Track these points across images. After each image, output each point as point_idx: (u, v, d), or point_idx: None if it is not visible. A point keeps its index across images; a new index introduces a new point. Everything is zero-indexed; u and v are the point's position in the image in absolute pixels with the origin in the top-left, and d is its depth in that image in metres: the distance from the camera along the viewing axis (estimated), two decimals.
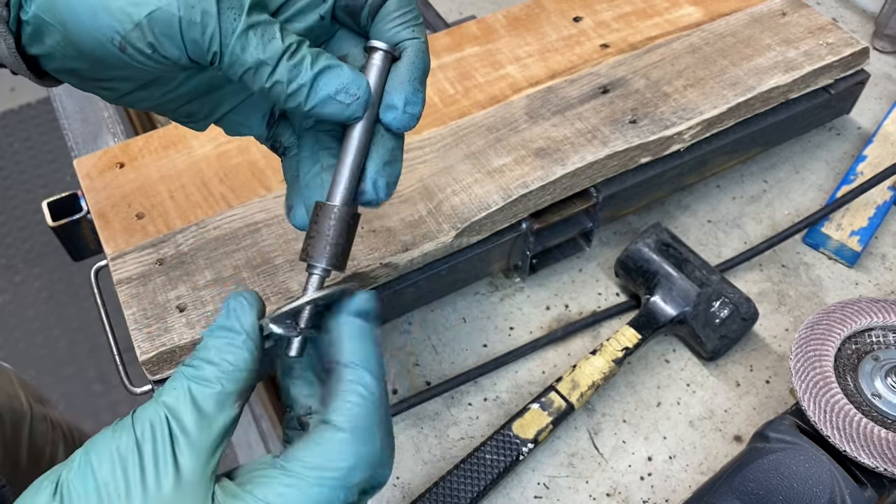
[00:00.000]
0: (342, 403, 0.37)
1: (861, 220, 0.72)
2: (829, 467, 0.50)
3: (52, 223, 0.70)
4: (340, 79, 0.38)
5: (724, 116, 0.70)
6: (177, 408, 0.36)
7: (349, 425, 0.37)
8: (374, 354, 0.39)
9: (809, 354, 0.55)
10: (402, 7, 0.41)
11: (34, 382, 1.06)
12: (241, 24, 0.36)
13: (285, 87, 0.38)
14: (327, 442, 0.36)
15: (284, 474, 0.35)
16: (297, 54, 0.38)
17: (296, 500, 0.35)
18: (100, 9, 0.36)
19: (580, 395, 0.60)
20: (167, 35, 0.36)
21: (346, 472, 0.36)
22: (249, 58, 0.37)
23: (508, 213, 0.64)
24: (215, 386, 0.37)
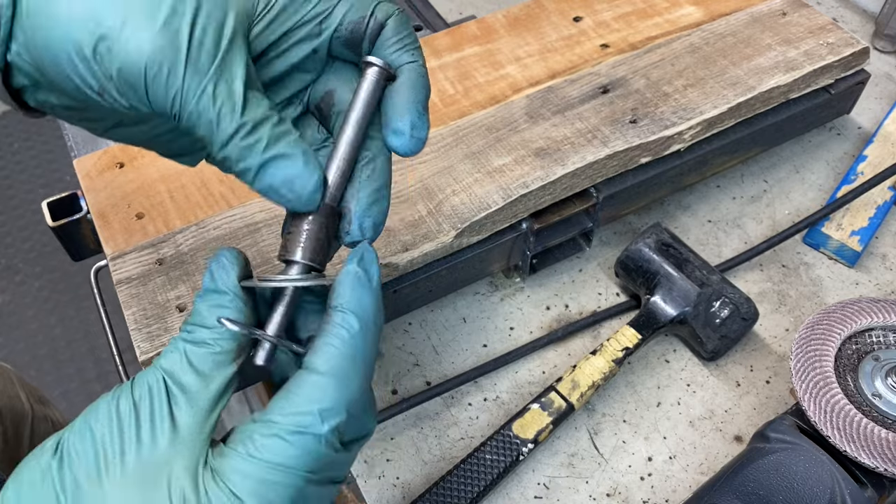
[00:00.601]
0: (322, 346, 0.37)
1: (861, 220, 0.72)
2: (830, 467, 0.50)
3: (52, 223, 0.70)
4: (288, 171, 0.37)
5: (725, 116, 0.70)
6: (174, 370, 0.37)
7: (326, 367, 0.36)
8: (367, 302, 0.38)
9: (810, 354, 0.55)
10: (399, 32, 0.41)
11: (34, 382, 1.06)
12: (201, 92, 0.36)
13: (234, 165, 0.37)
14: (303, 386, 0.36)
15: (264, 426, 0.35)
16: (253, 134, 0.37)
17: (279, 449, 0.35)
18: (77, 59, 0.36)
19: (580, 395, 0.60)
20: (133, 89, 0.36)
21: (322, 415, 0.36)
22: (203, 129, 0.37)
23: (508, 213, 0.64)
24: (212, 347, 0.37)
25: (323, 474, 0.37)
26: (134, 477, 0.34)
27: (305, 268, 0.40)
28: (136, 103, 0.37)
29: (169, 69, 0.35)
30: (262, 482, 0.35)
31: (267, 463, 0.35)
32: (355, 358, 0.37)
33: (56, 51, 0.36)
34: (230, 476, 0.35)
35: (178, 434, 0.36)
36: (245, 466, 0.35)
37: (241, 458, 0.35)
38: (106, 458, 0.35)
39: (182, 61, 0.35)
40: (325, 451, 0.36)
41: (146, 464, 0.35)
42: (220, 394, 0.37)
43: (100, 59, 0.36)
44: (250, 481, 0.34)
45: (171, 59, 0.35)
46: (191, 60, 0.35)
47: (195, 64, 0.36)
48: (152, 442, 0.35)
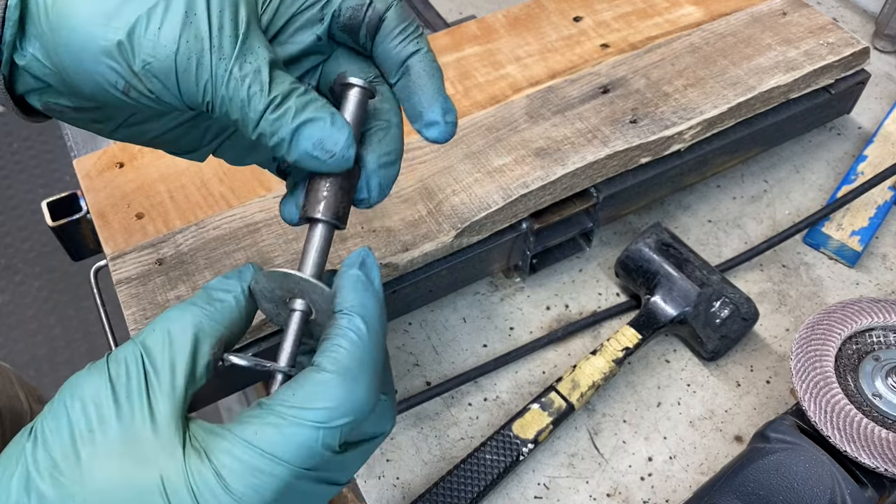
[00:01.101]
0: (330, 346, 0.37)
1: (862, 220, 0.72)
2: (830, 467, 0.50)
3: (51, 223, 0.70)
4: (318, 133, 0.38)
5: (725, 116, 0.70)
6: (153, 348, 0.36)
7: (333, 367, 0.36)
8: (369, 303, 0.38)
9: (810, 354, 0.55)
10: (402, 22, 0.41)
11: (33, 382, 1.06)
12: (229, 75, 0.37)
13: (268, 140, 0.38)
14: (310, 383, 0.36)
15: (265, 413, 0.35)
16: (281, 106, 0.38)
17: (273, 439, 0.34)
18: (103, 56, 0.36)
19: (580, 395, 0.60)
20: (165, 84, 0.37)
21: (325, 413, 0.35)
22: (236, 111, 0.37)
23: (508, 213, 0.64)
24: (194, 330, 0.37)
25: (319, 473, 0.36)
26: (111, 453, 0.34)
27: (328, 226, 0.41)
28: (165, 97, 0.38)
29: (198, 59, 0.36)
30: (251, 469, 0.34)
31: (260, 451, 0.34)
32: (363, 360, 0.37)
33: (78, 51, 0.36)
34: (219, 456, 0.34)
35: (155, 412, 0.35)
36: (237, 450, 0.34)
37: (234, 440, 0.34)
38: (82, 435, 0.34)
39: (208, 49, 0.36)
40: (322, 450, 0.35)
41: (124, 440, 0.34)
42: (196, 379, 0.37)
43: (126, 55, 0.36)
44: (239, 465, 0.34)
45: (197, 49, 0.36)
46: (215, 48, 0.36)
47: (219, 51, 0.37)
48: (130, 418, 0.34)
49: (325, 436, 0.35)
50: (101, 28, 0.36)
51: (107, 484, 0.33)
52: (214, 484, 0.33)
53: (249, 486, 0.34)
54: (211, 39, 0.37)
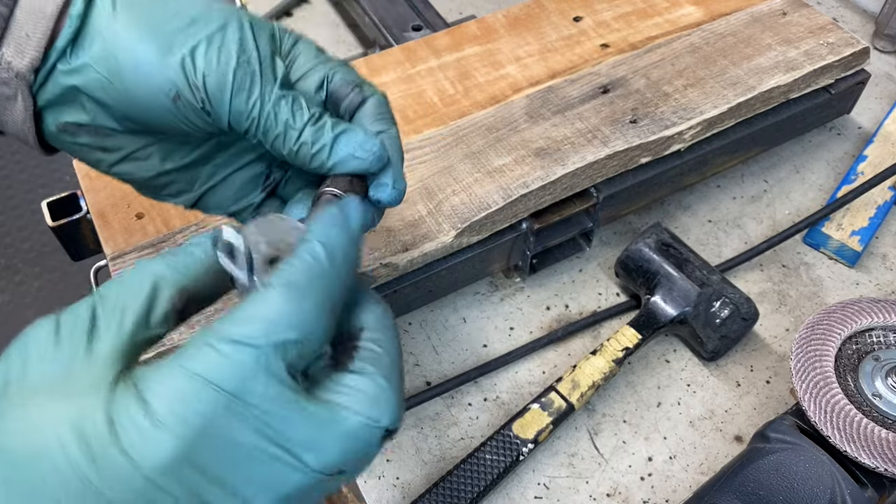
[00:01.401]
0: (281, 267, 0.34)
1: (862, 220, 0.72)
2: (830, 467, 0.50)
3: (51, 223, 0.70)
4: (357, 138, 0.44)
5: (725, 116, 0.70)
6: (107, 296, 0.34)
7: (279, 282, 0.33)
8: (335, 234, 0.36)
9: (810, 354, 0.55)
10: (381, 108, 0.46)
11: None
12: (275, 95, 0.43)
13: (310, 148, 0.43)
14: (252, 301, 0.33)
15: (203, 334, 0.32)
16: (320, 121, 0.44)
17: (205, 359, 0.31)
18: (161, 63, 0.41)
19: (580, 395, 0.60)
20: (217, 97, 0.42)
21: (262, 327, 0.31)
22: (280, 125, 0.43)
23: (508, 213, 0.64)
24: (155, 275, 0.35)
25: (261, 414, 0.31)
26: (38, 391, 0.31)
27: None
28: (211, 110, 0.42)
29: (251, 79, 0.42)
30: (178, 392, 0.30)
31: (190, 372, 0.30)
32: (314, 279, 0.34)
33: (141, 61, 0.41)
34: (148, 383, 0.30)
35: (94, 350, 0.32)
36: (166, 374, 0.31)
37: (165, 366, 0.31)
38: (16, 375, 0.32)
39: (259, 74, 0.42)
40: (264, 377, 0.31)
41: (54, 378, 0.31)
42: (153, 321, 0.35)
43: (187, 67, 0.41)
44: (166, 389, 0.30)
45: (250, 72, 0.42)
46: (265, 75, 0.43)
47: (267, 75, 0.43)
48: (67, 358, 0.32)
49: (264, 356, 0.31)
50: (163, 41, 0.41)
51: (23, 423, 0.30)
52: (136, 409, 0.30)
53: (174, 411, 0.30)
54: (261, 68, 0.43)
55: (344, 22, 0.96)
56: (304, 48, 0.47)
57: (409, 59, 0.74)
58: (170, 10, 0.42)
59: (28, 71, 0.42)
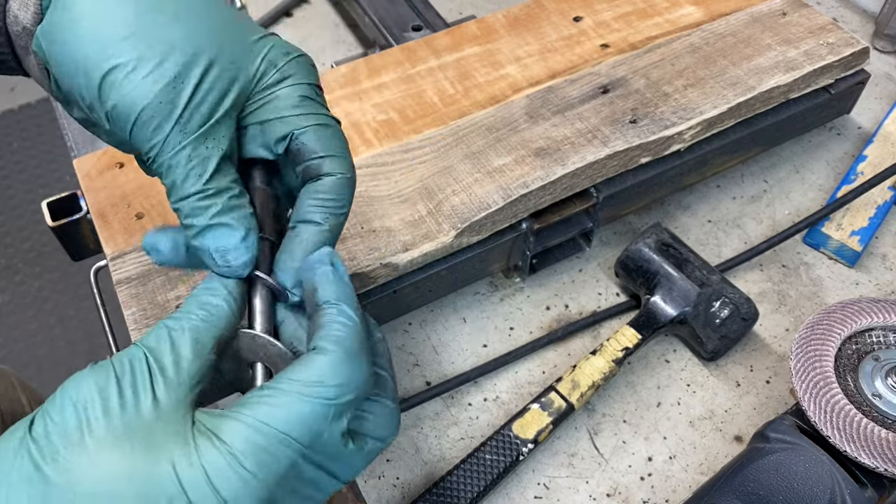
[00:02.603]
0: (328, 331, 0.38)
1: (861, 220, 0.72)
2: (830, 467, 0.50)
3: (51, 223, 0.70)
4: (224, 242, 0.40)
5: (725, 116, 0.70)
6: (157, 349, 0.37)
7: (337, 347, 0.37)
8: (347, 292, 0.40)
9: (810, 354, 0.55)
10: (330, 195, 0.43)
11: (34, 383, 1.06)
12: (179, 148, 0.39)
13: (182, 218, 0.41)
14: (315, 362, 0.36)
15: (273, 392, 0.35)
16: (210, 199, 0.40)
17: (285, 416, 0.35)
18: (82, 71, 0.39)
19: (580, 395, 0.60)
20: (121, 124, 0.40)
21: (334, 390, 0.36)
22: (168, 179, 0.40)
23: (508, 213, 0.64)
24: (194, 333, 0.38)
25: (323, 459, 0.36)
26: (118, 441, 0.33)
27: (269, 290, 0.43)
28: (116, 131, 0.40)
29: (159, 123, 0.39)
30: (262, 447, 0.34)
31: (272, 429, 0.34)
32: (361, 340, 0.38)
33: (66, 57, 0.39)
34: (230, 436, 0.34)
35: (160, 404, 0.35)
36: (247, 429, 0.34)
37: (242, 420, 0.34)
38: (88, 422, 0.33)
39: (173, 119, 0.39)
40: (330, 429, 0.36)
41: (130, 428, 0.34)
42: (200, 376, 0.37)
43: (102, 86, 0.39)
44: (250, 445, 0.34)
45: (164, 114, 0.39)
46: (181, 121, 0.39)
47: (184, 125, 0.39)
48: (135, 408, 0.34)
49: (334, 413, 0.36)
50: (99, 47, 0.39)
51: (114, 471, 0.33)
52: (227, 464, 0.33)
53: (262, 463, 0.34)
54: (182, 112, 0.39)
55: (344, 22, 0.96)
56: (288, 91, 0.43)
57: (409, 59, 0.74)
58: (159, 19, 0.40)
59: (32, 24, 0.43)
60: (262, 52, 0.43)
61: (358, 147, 0.67)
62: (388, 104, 0.70)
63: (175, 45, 0.39)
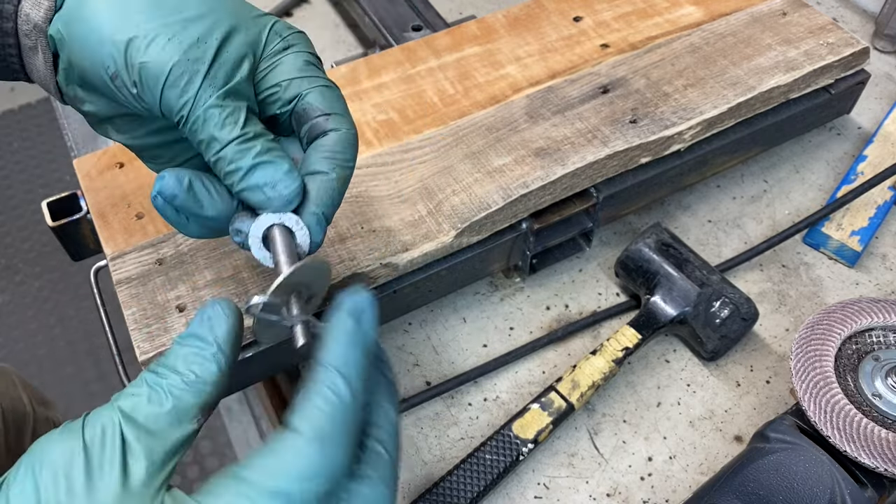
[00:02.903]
0: (307, 406, 0.35)
1: (861, 220, 0.72)
2: (830, 467, 0.50)
3: (51, 223, 0.70)
4: (274, 174, 0.41)
5: (725, 116, 0.70)
6: (132, 415, 0.34)
7: (309, 429, 0.34)
8: (354, 360, 0.36)
9: (810, 354, 0.55)
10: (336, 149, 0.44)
11: (34, 382, 1.06)
12: (212, 101, 0.41)
13: (226, 165, 0.41)
14: (284, 448, 0.34)
15: (237, 482, 0.33)
16: (250, 142, 0.41)
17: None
18: (108, 39, 0.41)
19: (580, 395, 0.60)
20: (150, 86, 0.41)
21: (300, 482, 0.33)
22: (206, 133, 0.41)
23: (508, 213, 0.64)
24: (177, 397, 0.35)
25: None
26: None
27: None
28: (145, 96, 0.41)
29: (189, 78, 0.40)
30: None
31: None
32: (341, 422, 0.35)
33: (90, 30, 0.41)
34: None
35: (129, 485, 0.33)
36: None
37: None
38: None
39: (202, 74, 0.41)
40: None
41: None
42: (177, 448, 0.35)
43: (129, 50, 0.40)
44: None
45: (192, 70, 0.41)
46: (209, 76, 0.41)
47: (213, 79, 0.41)
48: (102, 488, 0.33)
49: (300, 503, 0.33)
50: (121, 20, 0.41)
51: None
52: None
53: None
54: (210, 68, 0.41)
55: (344, 22, 0.96)
56: (293, 58, 0.45)
57: (409, 59, 0.74)
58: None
59: (44, 22, 0.44)
60: (268, 24, 0.45)
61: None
62: (388, 104, 0.70)
63: (193, 14, 0.41)
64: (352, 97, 0.71)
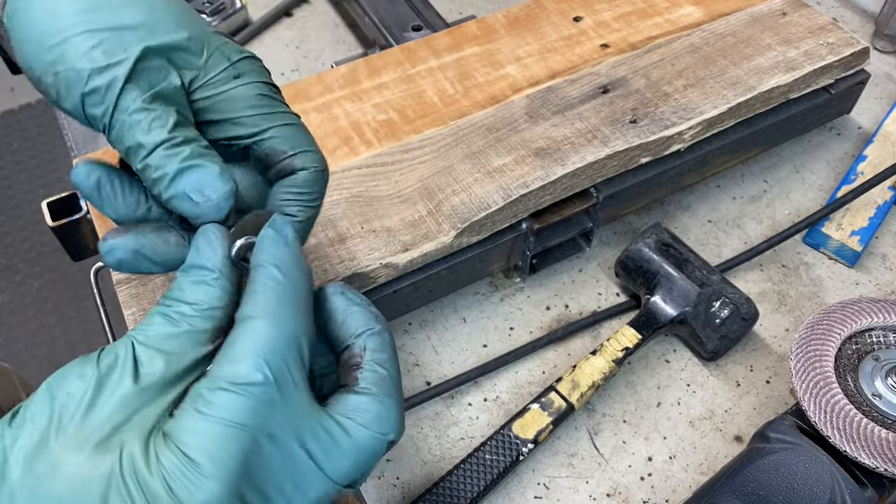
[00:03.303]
0: (250, 296, 0.36)
1: (861, 220, 0.72)
2: (830, 467, 0.50)
3: (51, 223, 0.70)
4: (202, 177, 0.39)
5: (725, 116, 0.70)
6: (146, 342, 0.36)
7: (256, 311, 0.36)
8: (283, 255, 0.38)
9: (810, 354, 0.55)
10: (304, 188, 0.43)
11: (33, 382, 1.06)
12: (137, 105, 0.38)
13: (151, 172, 0.39)
14: (239, 334, 0.35)
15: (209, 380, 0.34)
16: (180, 147, 0.39)
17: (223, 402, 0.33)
18: (34, 40, 0.39)
19: (580, 395, 0.60)
20: (70, 94, 0.39)
21: (262, 358, 0.34)
22: (131, 139, 0.39)
23: (508, 213, 0.64)
24: (190, 323, 0.36)
25: (283, 427, 0.35)
26: (84, 441, 0.33)
27: None
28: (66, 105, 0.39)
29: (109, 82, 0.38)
30: (211, 439, 0.33)
31: (215, 418, 0.33)
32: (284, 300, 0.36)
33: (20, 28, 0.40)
34: (180, 436, 0.33)
35: (137, 402, 0.34)
36: (195, 424, 0.33)
37: (190, 416, 0.34)
38: (60, 421, 0.33)
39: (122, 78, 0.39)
40: (278, 394, 0.34)
41: (98, 428, 0.33)
42: (187, 370, 0.36)
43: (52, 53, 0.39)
44: (200, 439, 0.33)
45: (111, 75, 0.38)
46: (132, 80, 0.39)
47: (136, 82, 0.39)
48: (110, 408, 0.34)
49: (273, 379, 0.34)
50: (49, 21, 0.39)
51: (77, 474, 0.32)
52: (178, 462, 0.32)
53: (212, 457, 0.33)
54: (131, 72, 0.39)
55: (344, 22, 0.96)
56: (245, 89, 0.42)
57: (409, 59, 0.74)
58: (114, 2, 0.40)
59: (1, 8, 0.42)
60: (213, 43, 0.43)
61: (358, 147, 0.67)
62: (388, 104, 0.70)
63: (127, 22, 0.39)
64: (352, 97, 0.71)
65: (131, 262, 0.42)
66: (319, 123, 0.69)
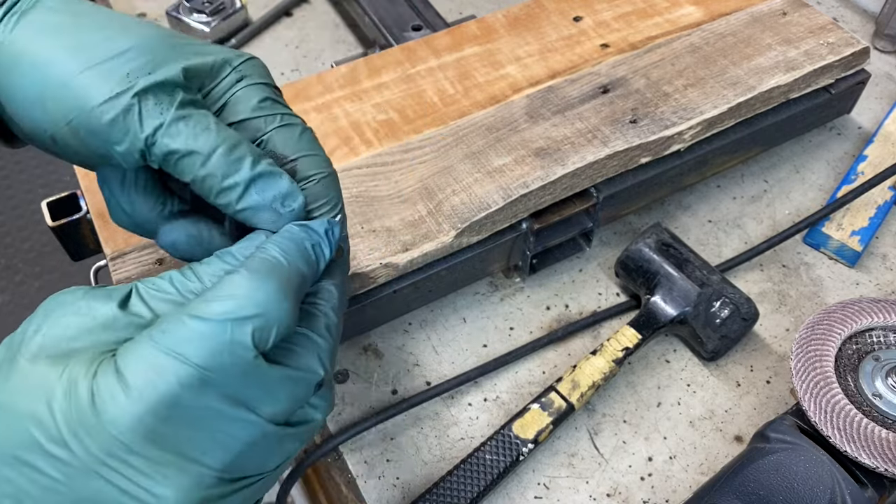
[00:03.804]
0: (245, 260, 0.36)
1: (862, 219, 0.72)
2: (830, 468, 0.50)
3: (51, 223, 0.70)
4: (280, 187, 0.38)
5: (725, 116, 0.70)
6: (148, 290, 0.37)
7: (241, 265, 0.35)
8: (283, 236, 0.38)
9: (810, 354, 0.55)
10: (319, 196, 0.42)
11: None
12: (171, 116, 0.37)
13: (219, 182, 0.38)
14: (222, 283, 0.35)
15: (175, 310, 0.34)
16: (235, 151, 0.38)
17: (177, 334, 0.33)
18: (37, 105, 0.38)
19: (580, 395, 0.60)
20: (93, 134, 0.38)
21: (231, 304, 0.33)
22: (181, 146, 0.37)
23: (508, 213, 0.64)
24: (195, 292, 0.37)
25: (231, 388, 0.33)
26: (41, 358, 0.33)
27: None
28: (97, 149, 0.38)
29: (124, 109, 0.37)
30: (153, 367, 0.32)
31: (163, 347, 0.32)
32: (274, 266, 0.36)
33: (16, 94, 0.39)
34: (125, 358, 0.33)
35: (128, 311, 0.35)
36: (142, 349, 0.33)
37: (142, 341, 0.33)
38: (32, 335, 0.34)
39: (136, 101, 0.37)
40: (230, 349, 0.33)
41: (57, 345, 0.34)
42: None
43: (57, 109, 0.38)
44: (142, 364, 0.32)
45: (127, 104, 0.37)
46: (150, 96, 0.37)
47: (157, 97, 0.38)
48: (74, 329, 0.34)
49: (231, 331, 0.33)
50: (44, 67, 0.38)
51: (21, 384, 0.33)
52: (114, 381, 0.32)
53: (148, 382, 0.32)
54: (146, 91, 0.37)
55: (344, 22, 0.96)
56: (247, 91, 0.41)
57: (409, 59, 0.74)
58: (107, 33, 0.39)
59: None
60: (214, 52, 0.42)
61: (358, 147, 0.67)
62: (388, 104, 0.70)
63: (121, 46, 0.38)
64: (352, 97, 0.71)
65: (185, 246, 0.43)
66: (319, 123, 0.69)
